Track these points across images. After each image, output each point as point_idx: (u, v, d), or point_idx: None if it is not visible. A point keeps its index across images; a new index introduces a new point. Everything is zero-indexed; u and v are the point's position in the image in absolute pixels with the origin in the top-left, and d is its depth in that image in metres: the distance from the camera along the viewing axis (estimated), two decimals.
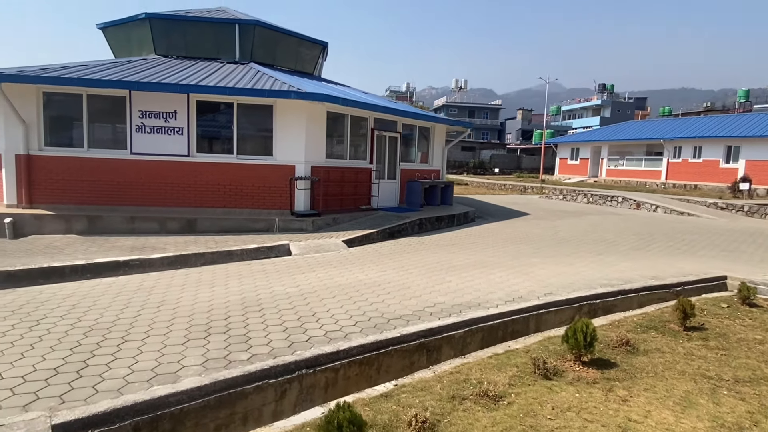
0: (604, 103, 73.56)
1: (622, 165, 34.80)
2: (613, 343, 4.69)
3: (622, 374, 4.09)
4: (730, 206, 18.44)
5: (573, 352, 4.23)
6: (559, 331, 5.21)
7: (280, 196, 11.55)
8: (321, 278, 6.98)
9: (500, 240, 10.98)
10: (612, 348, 4.63)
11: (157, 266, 7.64)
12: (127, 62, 12.88)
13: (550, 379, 3.91)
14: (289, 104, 11.26)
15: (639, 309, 6.21)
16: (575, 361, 4.24)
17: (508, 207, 18.74)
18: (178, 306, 5.50)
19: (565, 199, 23.02)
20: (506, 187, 30.18)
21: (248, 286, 6.46)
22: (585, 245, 10.56)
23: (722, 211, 18.31)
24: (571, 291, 6.57)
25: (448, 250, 9.61)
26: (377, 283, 6.74)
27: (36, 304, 5.41)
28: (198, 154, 11.21)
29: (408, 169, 15.11)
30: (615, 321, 5.60)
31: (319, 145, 11.92)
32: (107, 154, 10.90)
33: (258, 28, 14.82)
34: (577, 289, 6.71)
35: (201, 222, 10.63)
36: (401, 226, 11.59)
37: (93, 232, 10.11)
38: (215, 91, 10.66)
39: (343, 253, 9.01)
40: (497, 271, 7.73)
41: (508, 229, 12.72)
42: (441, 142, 16.52)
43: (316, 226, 11.14)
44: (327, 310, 5.48)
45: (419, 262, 8.26)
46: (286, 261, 8.20)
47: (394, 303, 5.81)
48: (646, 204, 19.37)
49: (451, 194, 16.25)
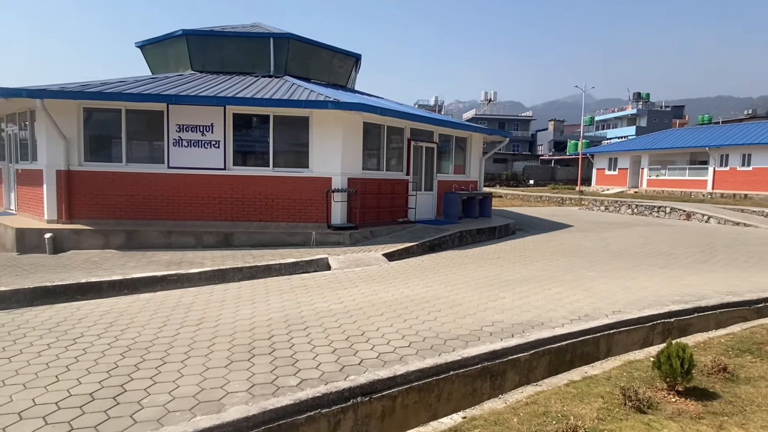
0: (640, 112, 71.54)
1: (664, 175, 33.42)
2: (707, 370, 4.09)
3: (729, 407, 3.50)
4: None
5: (667, 381, 3.67)
6: (637, 354, 4.64)
7: (316, 208, 11.27)
8: (365, 294, 6.57)
9: (548, 253, 10.36)
10: (707, 375, 4.03)
11: (195, 281, 7.39)
12: (164, 78, 12.95)
13: (645, 413, 3.36)
14: (326, 115, 11.03)
15: (722, 329, 5.54)
16: (669, 390, 3.68)
17: (549, 219, 18.00)
18: (218, 324, 5.18)
19: (607, 210, 22.07)
20: (542, 198, 29.30)
21: (290, 302, 6.11)
22: (642, 258, 9.83)
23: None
24: (641, 308, 5.96)
25: (494, 263, 9.07)
26: (425, 299, 6.28)
27: (73, 322, 5.17)
28: (234, 167, 11.05)
29: (445, 180, 14.65)
30: (699, 343, 4.97)
31: (356, 156, 11.62)
32: (145, 168, 10.86)
33: (292, 42, 14.76)
34: (647, 306, 6.09)
35: (237, 236, 10.42)
36: (441, 239, 11.12)
37: (131, 247, 10.02)
38: (252, 102, 10.52)
39: (384, 267, 8.60)
40: (553, 286, 7.16)
41: (554, 242, 12.07)
42: (478, 152, 16.02)
43: (353, 239, 10.78)
44: (376, 328, 5.06)
45: (466, 277, 7.76)
46: (326, 276, 7.83)
47: (448, 321, 5.33)
48: (696, 214, 18.30)
49: (489, 206, 15.68)
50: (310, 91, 11.91)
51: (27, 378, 3.75)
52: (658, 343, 5.61)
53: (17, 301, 6.11)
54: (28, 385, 3.63)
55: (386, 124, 12.45)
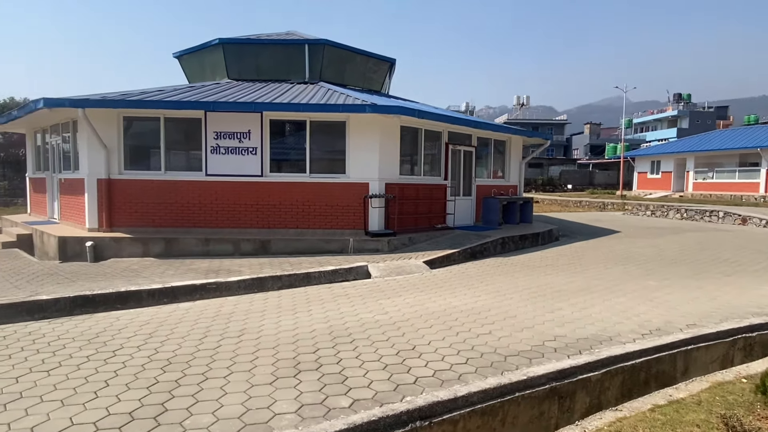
0: (681, 113, 68.89)
1: (711, 177, 31.85)
2: None
3: None
4: None
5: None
6: (725, 374, 4.12)
7: (353, 215, 11.00)
8: (410, 304, 6.21)
9: (599, 260, 9.77)
10: None
11: (234, 290, 7.19)
12: (201, 86, 13.01)
13: None
14: (363, 119, 10.78)
15: None
16: None
17: (593, 224, 17.23)
18: (260, 335, 4.92)
19: (654, 215, 21.05)
20: (582, 204, 28.29)
21: (333, 312, 5.81)
22: (703, 266, 9.13)
23: None
24: (718, 321, 5.39)
25: (543, 271, 8.57)
26: (475, 311, 5.88)
27: (112, 332, 5.01)
28: (271, 174, 10.92)
29: (484, 185, 14.18)
30: None
31: (393, 161, 11.31)
32: (183, 176, 10.85)
33: (327, 48, 14.64)
34: (723, 318, 5.52)
35: (274, 243, 10.25)
36: (483, 245, 10.66)
37: (169, 255, 9.97)
38: (289, 108, 10.37)
39: (426, 275, 8.23)
40: (613, 296, 6.63)
41: (603, 249, 11.43)
42: (518, 156, 15.48)
43: (391, 246, 10.45)
44: (428, 342, 4.69)
45: (516, 286, 7.31)
46: (367, 284, 7.52)
47: (504, 335, 4.92)
48: (753, 219, 17.19)
49: (530, 211, 15.10)
50: (347, 96, 11.70)
51: (65, 394, 3.56)
52: (739, 361, 5.05)
53: (58, 310, 6.03)
54: (66, 402, 3.43)
55: (423, 128, 12.12)
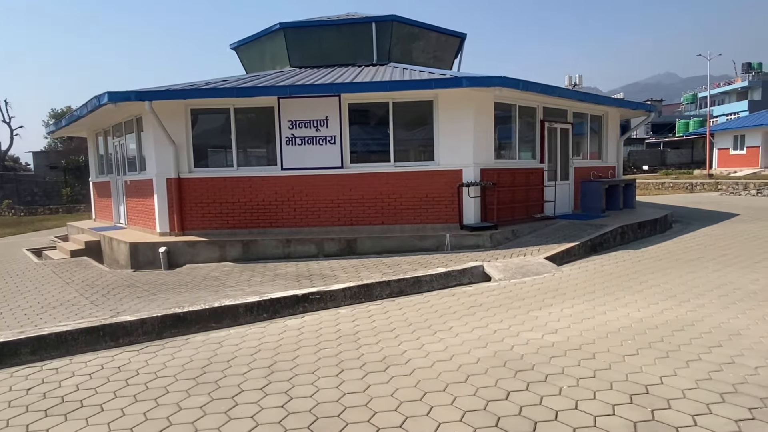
0: (753, 84, 63.42)
1: None
2: None
3: None
4: None
5: None
6: None
7: (445, 207, 9.68)
8: (573, 316, 4.84)
9: (754, 250, 8.03)
10: None
11: (339, 300, 6.03)
12: (264, 75, 11.99)
13: None
14: (454, 96, 9.42)
15: None
16: None
17: (698, 207, 15.19)
18: (412, 367, 3.69)
19: (760, 194, 18.63)
20: (665, 185, 25.79)
21: (481, 330, 4.52)
22: None
23: None
24: None
25: (701, 266, 6.96)
26: (674, 325, 4.44)
27: (220, 365, 3.91)
28: (352, 165, 9.74)
29: (581, 167, 12.53)
30: None
31: (488, 143, 9.90)
32: (257, 172, 9.85)
33: (395, 24, 13.34)
34: None
35: (360, 242, 9.08)
36: (602, 236, 9.09)
37: (248, 259, 9.00)
38: (370, 88, 9.15)
39: (558, 275, 6.80)
40: None
41: (742, 236, 9.60)
42: (615, 132, 13.70)
43: (494, 241, 9.06)
44: (658, 380, 3.31)
45: (689, 287, 5.78)
46: (493, 289, 6.18)
47: (760, 365, 3.47)
48: None
49: (633, 195, 13.32)
50: (429, 72, 10.38)
51: None
52: None
53: (145, 333, 5.03)
54: None
55: (518, 104, 10.63)
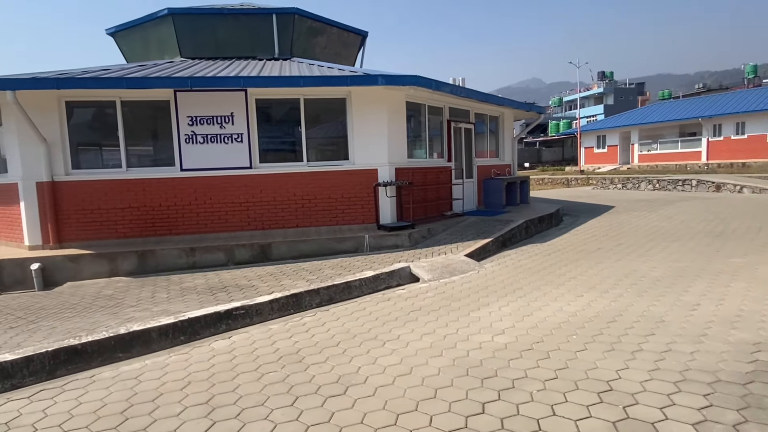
0: (606, 90, 72.18)
1: (655, 149, 33.09)
2: None
3: None
4: None
5: None
6: None
7: (362, 207, 9.48)
8: (512, 315, 4.90)
9: (641, 239, 8.95)
10: None
11: (267, 313, 5.52)
12: (153, 65, 10.79)
13: None
14: (368, 94, 9.23)
15: None
16: None
17: (580, 201, 16.76)
18: (371, 385, 3.39)
19: (624, 187, 21.11)
20: (545, 181, 28.21)
21: (430, 337, 4.36)
22: (755, 236, 8.57)
23: None
24: None
25: (605, 256, 7.56)
26: (608, 317, 4.68)
27: (147, 407, 3.27)
28: (262, 165, 9.11)
29: (484, 165, 13.11)
30: None
31: (401, 142, 9.88)
32: (152, 173, 8.78)
33: (298, 18, 12.81)
34: None
35: (275, 247, 8.52)
36: (511, 232, 9.53)
37: (146, 272, 7.98)
38: (282, 83, 8.62)
39: (482, 273, 6.93)
40: (721, 280, 5.69)
41: (626, 226, 10.70)
42: (510, 132, 14.55)
43: (413, 240, 9.06)
44: (616, 376, 3.40)
45: (603, 278, 6.21)
46: (426, 291, 6.10)
47: (713, 351, 3.74)
48: (727, 185, 17.49)
49: (528, 191, 14.27)
50: (339, 69, 10.08)
51: None
52: None
53: (33, 374, 4.12)
54: None
55: (427, 104, 10.76)
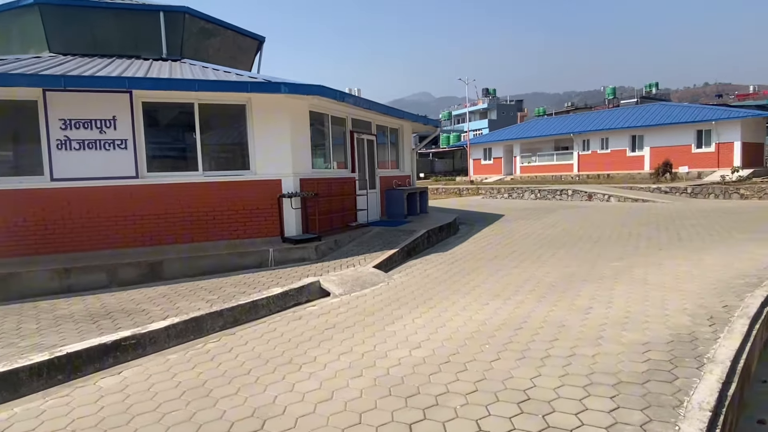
0: (490, 106, 77.79)
1: (534, 161, 36.20)
2: None
3: None
4: (674, 189, 19.33)
5: None
6: None
7: (265, 219, 9.06)
8: (426, 326, 4.92)
9: (532, 246, 9.63)
10: None
11: (163, 342, 4.96)
12: (15, 60, 9.41)
13: None
14: (269, 101, 8.87)
15: None
16: None
17: (474, 210, 17.70)
18: (290, 416, 3.15)
19: (511, 197, 22.74)
20: (439, 191, 29.47)
21: (348, 356, 4.21)
22: (627, 240, 9.63)
23: (667, 195, 19.09)
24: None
25: (502, 263, 7.98)
26: (514, 325, 4.88)
27: None
28: (150, 175, 8.32)
29: (386, 176, 13.28)
30: None
31: (306, 152, 9.64)
32: (13, 183, 7.59)
33: (188, 17, 12.03)
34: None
35: (168, 265, 7.79)
36: (415, 242, 9.72)
37: (8, 298, 6.83)
38: (174, 85, 7.97)
39: (392, 284, 6.94)
40: (607, 284, 6.28)
41: (516, 233, 11.47)
42: (409, 144, 14.94)
43: (320, 252, 8.84)
44: (531, 384, 3.52)
45: (503, 285, 6.52)
46: (338, 306, 5.93)
47: (597, 353, 4.02)
48: (597, 194, 19.61)
49: (427, 201, 14.73)
50: (236, 74, 9.59)
51: None
52: None
53: None
54: None
55: (330, 114, 10.64)
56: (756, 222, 11.50)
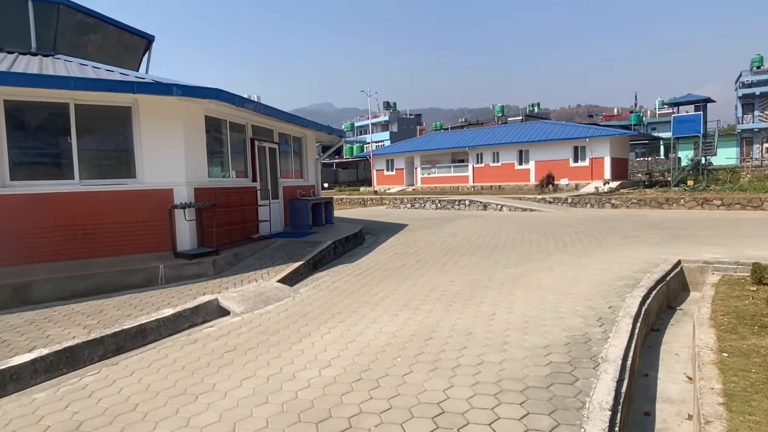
0: (391, 119, 79.87)
1: (434, 173, 37.60)
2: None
3: None
4: (557, 200, 21.09)
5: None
6: None
7: (155, 233, 8.28)
8: (336, 342, 4.74)
9: (436, 254, 9.85)
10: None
11: (28, 378, 4.23)
12: None
13: None
14: (158, 104, 8.17)
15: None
16: None
17: (378, 220, 17.84)
18: None
19: (413, 207, 23.32)
20: (344, 201, 29.39)
21: (253, 381, 3.88)
22: (520, 248, 10.22)
23: (551, 204, 20.78)
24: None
25: (409, 273, 8.04)
26: (424, 335, 4.86)
27: None
28: (14, 183, 7.22)
29: (289, 186, 12.86)
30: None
31: (201, 160, 9.00)
32: None
33: (64, 9, 10.77)
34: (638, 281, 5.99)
35: (37, 287, 6.76)
36: (321, 253, 9.49)
37: None
38: (45, 82, 7.00)
39: (299, 299, 6.64)
40: (506, 290, 6.56)
41: (421, 242, 11.71)
42: (313, 153, 14.66)
43: (218, 268, 8.25)
44: (444, 396, 3.48)
45: (411, 295, 6.54)
46: (240, 326, 5.52)
47: (504, 359, 4.11)
48: (491, 204, 20.78)
49: (332, 212, 14.53)
50: (121, 73, 8.72)
51: None
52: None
53: None
54: None
55: (228, 120, 10.08)
56: (626, 228, 12.86)
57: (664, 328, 6.00)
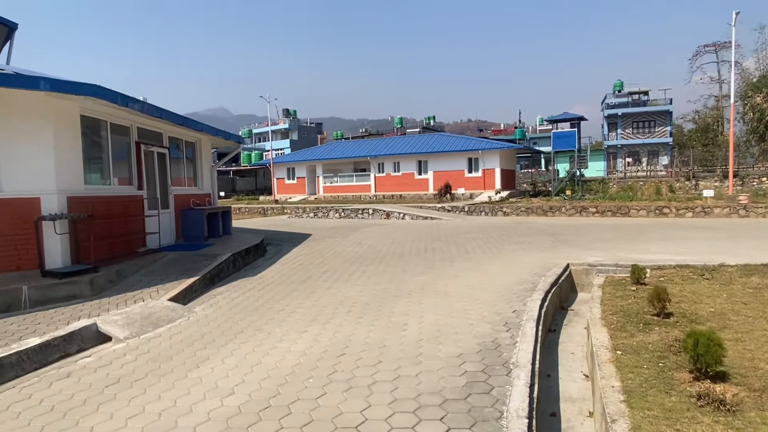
0: (291, 126, 78.54)
1: (337, 182, 37.47)
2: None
3: None
4: (454, 208, 21.96)
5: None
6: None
7: (15, 249, 7.11)
8: (239, 366, 4.32)
9: (343, 264, 9.64)
10: None
11: None
12: None
13: None
14: (21, 101, 7.05)
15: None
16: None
17: (280, 230, 17.21)
18: None
19: (316, 216, 22.91)
20: (242, 210, 28.03)
21: (139, 419, 3.36)
22: (425, 255, 10.37)
23: (450, 213, 21.61)
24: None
25: (315, 284, 7.73)
26: (337, 351, 4.62)
27: None
28: None
29: (181, 194, 11.87)
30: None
31: (76, 165, 7.94)
32: None
33: None
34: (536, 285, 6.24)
35: None
36: (219, 267, 8.82)
37: None
38: None
39: (194, 319, 6.04)
40: (417, 299, 6.55)
41: (327, 252, 11.43)
42: (209, 160, 13.72)
43: (97, 287, 7.27)
44: (362, 418, 3.27)
45: (320, 307, 6.25)
46: (124, 354, 4.84)
47: (419, 371, 3.99)
48: (394, 213, 21.08)
49: (230, 222, 13.69)
50: None
51: None
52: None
53: None
54: None
55: (109, 120, 9.05)
56: (519, 234, 13.70)
57: (560, 329, 6.34)
